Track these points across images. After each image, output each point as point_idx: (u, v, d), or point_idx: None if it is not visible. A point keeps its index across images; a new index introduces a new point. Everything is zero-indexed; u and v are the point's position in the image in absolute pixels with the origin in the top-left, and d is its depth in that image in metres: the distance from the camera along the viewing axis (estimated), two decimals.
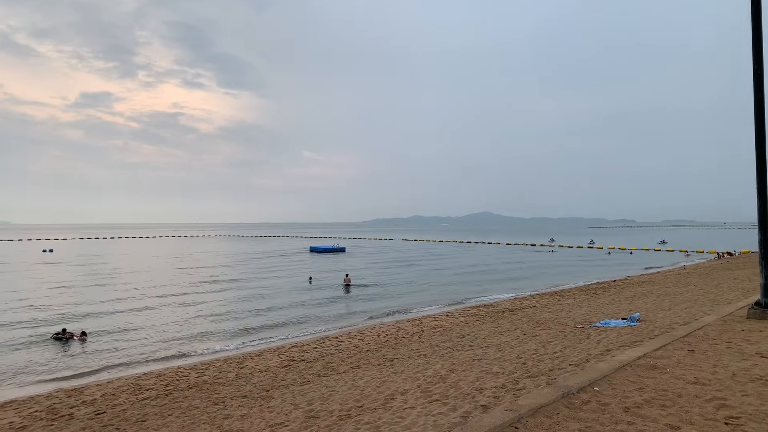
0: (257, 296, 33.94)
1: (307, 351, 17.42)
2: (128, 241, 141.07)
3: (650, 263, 59.22)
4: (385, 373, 12.44)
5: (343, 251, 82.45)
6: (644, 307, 19.96)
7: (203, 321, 25.76)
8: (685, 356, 5.98)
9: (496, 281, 42.60)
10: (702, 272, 37.93)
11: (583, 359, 11.27)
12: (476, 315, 22.94)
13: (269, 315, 27.25)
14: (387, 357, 14.65)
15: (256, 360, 16.75)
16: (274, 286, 39.40)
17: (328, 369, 13.82)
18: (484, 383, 10.17)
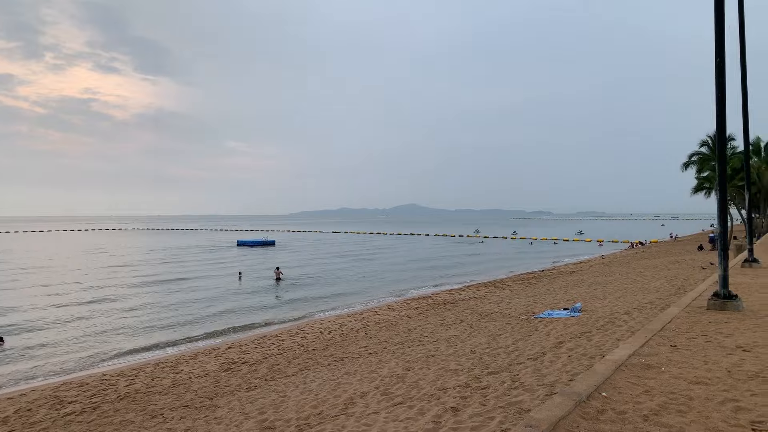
0: (183, 294, 32.11)
1: (247, 352, 16.47)
2: (34, 235, 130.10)
3: (570, 253, 62.07)
4: (338, 374, 11.88)
5: (272, 245, 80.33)
6: (580, 297, 20.60)
7: (126, 322, 23.94)
8: (672, 353, 5.90)
9: (431, 273, 42.95)
10: (621, 261, 40.04)
11: (539, 353, 11.26)
12: (418, 308, 22.81)
13: (198, 314, 25.78)
14: (336, 356, 14.08)
15: (191, 364, 15.61)
16: (201, 283, 37.48)
17: (275, 372, 13.05)
18: (445, 382, 9.87)
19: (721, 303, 8.35)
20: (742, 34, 13.26)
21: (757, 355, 5.75)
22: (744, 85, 17.35)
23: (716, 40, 7.94)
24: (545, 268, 42.66)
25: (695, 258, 33.38)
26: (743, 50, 14.75)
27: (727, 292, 8.36)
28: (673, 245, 57.63)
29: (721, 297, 8.40)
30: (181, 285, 36.05)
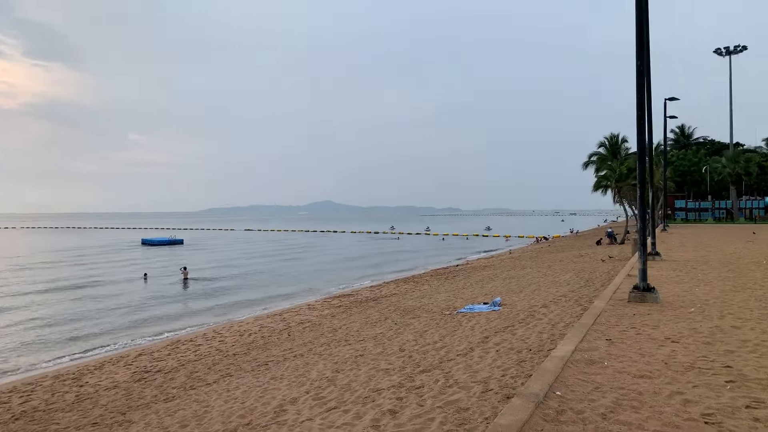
0: (83, 299, 29.56)
1: (160, 359, 15.35)
2: None
3: (481, 248, 64.36)
4: (264, 379, 11.34)
5: (180, 244, 76.35)
6: (497, 291, 21.28)
7: (18, 329, 21.60)
8: (609, 347, 6.07)
9: (350, 269, 42.75)
10: (530, 256, 42.02)
11: (467, 348, 11.39)
12: (340, 306, 22.52)
13: (100, 319, 23.78)
14: (260, 360, 13.47)
15: (97, 374, 14.28)
16: (103, 285, 34.77)
17: (194, 380, 12.22)
18: (378, 383, 9.69)
19: (641, 295, 8.84)
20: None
21: (685, 346, 6.08)
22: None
23: (637, 44, 8.34)
24: (459, 263, 43.87)
25: (596, 252, 35.66)
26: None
27: (646, 285, 8.88)
28: (575, 240, 61.44)
29: (641, 290, 8.90)
30: (81, 289, 33.17)
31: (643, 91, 8.39)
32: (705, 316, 8.11)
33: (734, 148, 66.55)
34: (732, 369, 5.22)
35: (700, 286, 11.56)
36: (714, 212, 57.05)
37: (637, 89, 8.41)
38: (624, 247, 37.76)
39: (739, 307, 8.92)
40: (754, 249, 22.67)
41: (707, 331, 6.97)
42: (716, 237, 31.10)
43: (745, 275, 13.56)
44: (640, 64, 8.34)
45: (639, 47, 8.35)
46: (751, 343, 6.37)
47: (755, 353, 5.88)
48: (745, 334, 6.87)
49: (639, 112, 8.52)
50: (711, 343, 6.30)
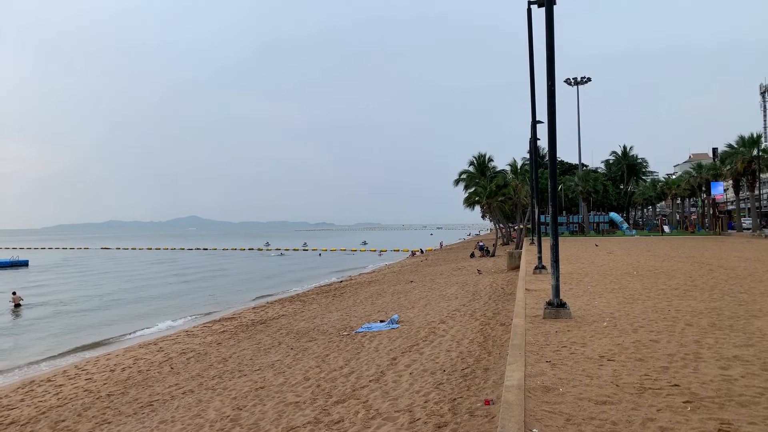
0: None
1: (11, 406, 12.84)
2: None
3: (360, 263, 64.74)
4: (151, 424, 9.94)
5: (25, 265, 66.86)
6: (389, 307, 21.21)
7: None
8: (554, 370, 5.99)
9: (226, 290, 40.34)
10: (410, 270, 42.94)
11: (377, 372, 10.97)
12: (224, 331, 20.90)
13: None
14: (142, 401, 11.81)
15: None
16: None
17: (63, 431, 10.31)
18: (291, 419, 8.88)
19: (555, 311, 9.10)
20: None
21: (623, 365, 6.22)
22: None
23: (548, 66, 8.66)
24: (343, 279, 43.53)
25: (472, 264, 37.37)
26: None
27: (560, 300, 9.16)
28: (447, 253, 64.21)
29: (555, 306, 9.16)
30: None
31: (553, 110, 8.72)
32: (620, 330, 8.53)
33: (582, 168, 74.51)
34: (681, 387, 5.39)
35: (595, 298, 12.33)
36: (569, 226, 63.27)
37: (548, 110, 8.73)
38: (497, 259, 40.01)
39: (644, 319, 9.55)
40: (617, 260, 25.14)
41: (632, 347, 7.26)
42: (578, 249, 34.12)
43: (627, 287, 14.80)
44: (550, 84, 8.67)
45: (549, 68, 8.67)
46: (677, 356, 6.72)
47: (688, 368, 6.19)
48: (666, 347, 7.26)
49: (550, 133, 8.86)
50: (643, 360, 6.54)
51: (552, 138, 9.00)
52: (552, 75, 8.57)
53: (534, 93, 20.55)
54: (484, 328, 13.66)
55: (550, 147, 9.08)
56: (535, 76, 19.75)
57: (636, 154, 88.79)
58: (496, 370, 9.41)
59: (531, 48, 19.35)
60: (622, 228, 68.18)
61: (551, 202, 9.31)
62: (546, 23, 8.71)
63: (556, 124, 8.84)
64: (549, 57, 8.54)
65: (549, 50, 8.56)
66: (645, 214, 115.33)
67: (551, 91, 8.58)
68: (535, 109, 21.06)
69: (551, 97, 8.61)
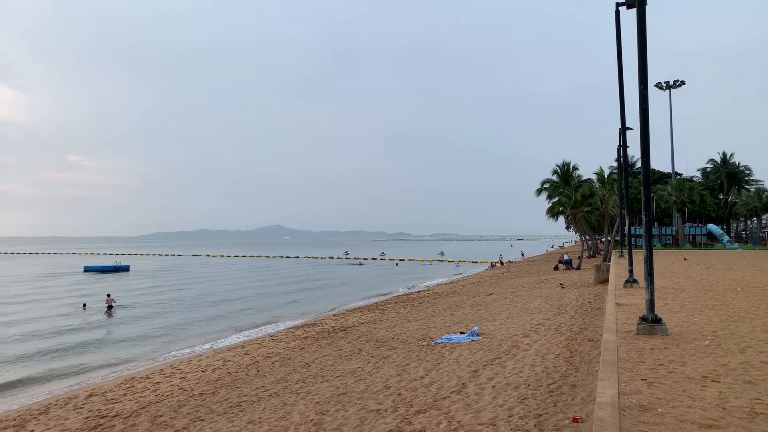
0: (13, 331, 27.11)
1: (115, 400, 13.92)
2: None
3: (437, 273, 64.30)
4: (240, 423, 10.37)
5: (126, 270, 72.43)
6: (469, 319, 20.90)
7: None
8: (650, 388, 5.64)
9: (308, 297, 41.51)
10: (490, 281, 42.11)
11: (458, 384, 10.82)
12: (306, 337, 21.48)
13: (37, 354, 21.66)
14: (231, 401, 12.39)
15: (43, 420, 12.75)
16: (37, 316, 32.00)
17: (160, 426, 11.02)
18: (373, 427, 8.95)
19: (650, 327, 8.57)
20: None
21: (729, 386, 5.74)
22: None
23: (639, 69, 8.25)
24: (421, 289, 43.46)
25: (555, 277, 36.04)
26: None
27: (654, 316, 8.62)
28: (529, 265, 62.36)
29: (649, 321, 8.63)
30: (11, 319, 30.51)
31: (646, 115, 8.28)
32: (725, 350, 7.87)
33: (675, 177, 70.02)
34: None
35: (695, 315, 11.48)
36: (661, 238, 59.46)
37: (641, 114, 8.30)
38: (582, 272, 38.37)
39: (752, 338, 8.76)
40: (718, 275, 23.33)
41: (740, 368, 6.68)
42: (672, 263, 32.02)
43: (730, 303, 13.67)
44: (643, 88, 8.24)
45: (641, 72, 8.26)
46: None
47: None
48: None
49: (642, 139, 8.40)
50: (753, 383, 5.99)
51: (645, 144, 8.51)
52: (644, 79, 8.13)
53: (623, 98, 19.62)
54: (570, 344, 13.12)
55: (643, 154, 8.59)
56: (624, 80, 18.84)
57: (737, 161, 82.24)
58: (584, 387, 9.00)
59: (619, 52, 18.52)
60: (722, 241, 63.17)
61: (644, 212, 8.80)
62: (637, 25, 8.28)
63: (649, 130, 8.37)
64: (641, 60, 8.12)
65: (641, 53, 8.13)
66: (749, 227, 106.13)
67: (644, 95, 8.14)
68: (624, 115, 20.08)
69: (644, 101, 8.17)
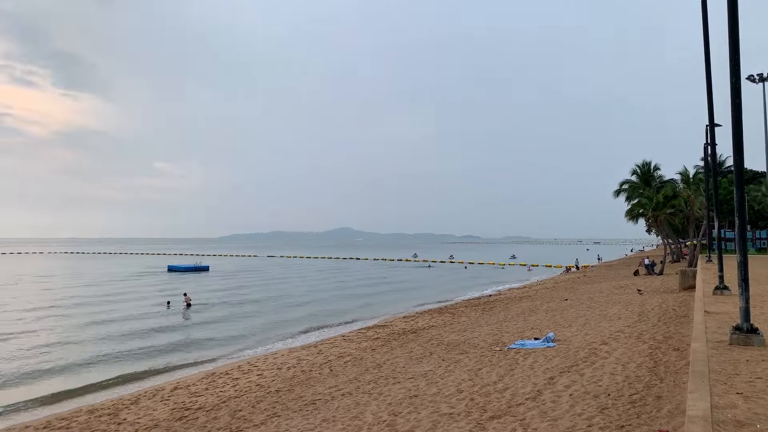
0: (104, 325, 29.11)
1: (198, 394, 14.69)
2: None
3: (508, 277, 62.90)
4: (314, 421, 10.62)
5: (206, 270, 76.19)
6: (543, 325, 20.30)
7: (46, 357, 21.14)
8: (746, 403, 5.24)
9: (378, 299, 41.90)
10: (565, 287, 40.70)
11: (533, 391, 10.55)
12: (377, 338, 21.70)
13: (127, 348, 23.16)
14: (306, 398, 12.74)
15: (134, 410, 13.68)
16: (126, 312, 34.20)
17: (240, 420, 11.52)
18: (446, 431, 8.89)
19: (745, 338, 7.98)
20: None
21: None
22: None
23: (731, 61, 7.71)
24: (492, 293, 42.73)
25: (636, 283, 34.30)
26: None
27: (750, 325, 8.01)
28: (607, 270, 59.73)
29: (745, 331, 8.03)
30: (103, 316, 32.81)
31: (739, 110, 7.70)
32: None
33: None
34: None
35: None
36: (755, 242, 55.10)
37: (733, 109, 7.73)
38: (665, 278, 36.28)
39: None
40: None
41: None
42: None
43: None
44: (735, 81, 7.69)
45: (733, 63, 7.70)
46: None
47: None
48: None
49: (735, 136, 7.83)
50: None
51: (738, 141, 7.91)
52: (737, 71, 7.56)
53: (711, 93, 18.36)
54: (654, 353, 12.46)
55: (736, 152, 7.98)
56: (712, 74, 17.63)
57: None
58: (670, 399, 8.51)
59: (707, 44, 17.38)
60: None
61: (738, 215, 8.18)
62: (729, 12, 7.72)
63: (742, 126, 7.77)
64: (733, 51, 7.56)
65: (732, 44, 7.57)
66: None
67: (736, 88, 7.57)
68: (712, 111, 18.79)
69: (736, 95, 7.60)
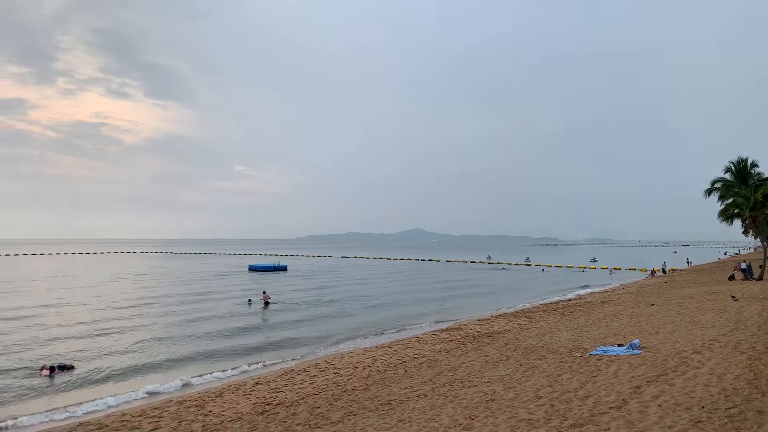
0: (193, 321, 30.80)
1: (278, 390, 15.22)
2: (45, 258, 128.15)
3: (588, 281, 60.28)
4: (390, 421, 10.69)
5: (284, 270, 78.84)
6: (627, 331, 19.34)
7: (134, 351, 22.67)
8: None
9: (452, 301, 41.58)
10: (651, 291, 38.54)
11: (618, 400, 10.07)
12: (451, 340, 21.52)
13: (209, 344, 24.38)
14: (381, 398, 12.86)
15: (219, 403, 14.37)
16: (210, 309, 36.02)
17: (318, 417, 11.82)
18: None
19: None
20: None
21: None
22: None
23: None
24: (571, 297, 41.21)
25: (731, 289, 31.88)
26: None
27: None
28: (698, 274, 55.92)
29: None
30: (193, 315, 34.70)
31: None
32: None
33: None
34: None
35: None
36: None
37: None
38: (765, 283, 33.44)
39: None
40: None
41: None
42: None
43: None
44: None
45: None
46: None
47: None
48: None
49: None
50: None
51: None
52: None
53: None
54: (754, 364, 11.54)
55: None
56: None
57: None
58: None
59: None
60: None
61: None
62: None
63: None
64: None
65: None
66: None
67: None
68: None
69: None
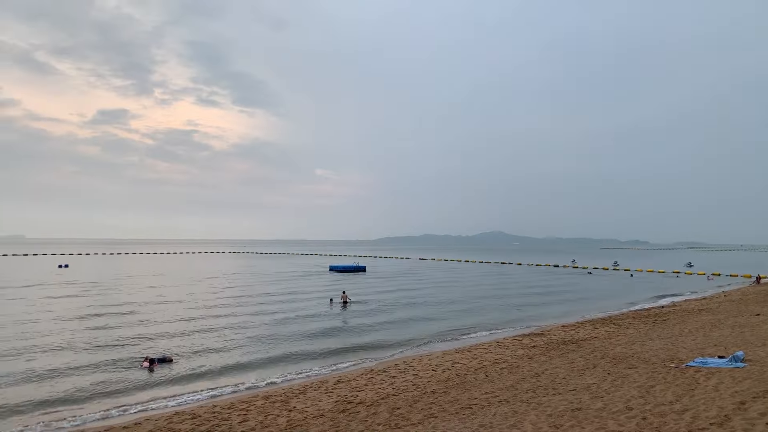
0: (280, 321, 31.89)
1: (358, 389, 15.47)
2: (143, 257, 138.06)
3: (681, 287, 56.41)
4: (471, 425, 10.54)
5: (363, 270, 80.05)
6: (728, 341, 17.93)
7: (226, 348, 23.81)
8: None
9: (533, 305, 40.34)
10: (756, 300, 35.52)
11: (720, 416, 9.34)
12: (534, 346, 20.89)
13: (294, 341, 25.19)
14: (462, 402, 12.73)
15: (302, 399, 14.84)
16: (294, 310, 37.11)
17: (398, 418, 11.91)
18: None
19: None
20: None
21: None
22: None
23: None
24: (664, 303, 38.73)
25: None
26: None
27: None
28: None
29: None
30: (279, 315, 35.97)
31: None
32: None
33: None
34: None
35: None
36: None
37: None
38: None
39: None
40: None
41: None
42: None
43: None
44: None
45: None
46: None
47: None
48: None
49: None
50: None
51: None
52: None
53: None
54: None
55: None
56: None
57: None
58: None
59: None
60: None
61: None
62: None
63: None
64: None
65: None
66: None
67: None
68: None
69: None
